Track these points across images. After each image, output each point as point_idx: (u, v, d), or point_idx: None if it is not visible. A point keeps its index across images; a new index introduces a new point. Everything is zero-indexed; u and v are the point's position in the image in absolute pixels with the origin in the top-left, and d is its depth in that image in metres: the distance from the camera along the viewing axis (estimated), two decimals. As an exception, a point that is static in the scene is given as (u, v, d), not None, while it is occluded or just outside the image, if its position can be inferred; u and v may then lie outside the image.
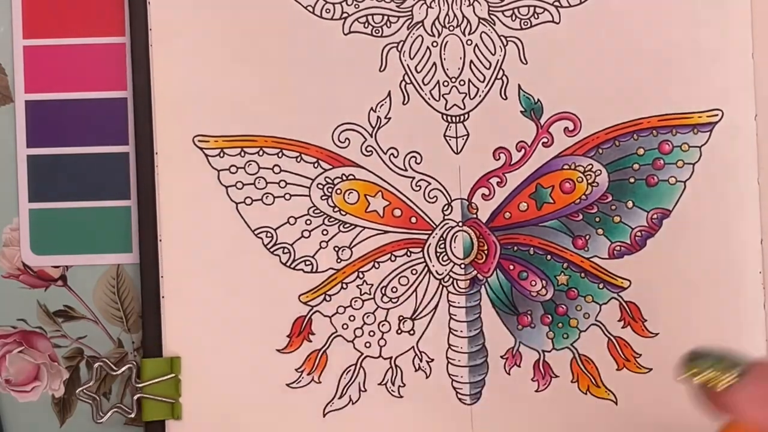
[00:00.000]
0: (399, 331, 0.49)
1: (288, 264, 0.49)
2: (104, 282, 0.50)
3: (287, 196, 0.49)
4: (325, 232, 0.49)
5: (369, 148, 0.48)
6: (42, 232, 0.50)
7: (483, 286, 0.48)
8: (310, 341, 0.49)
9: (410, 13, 0.48)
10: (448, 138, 0.48)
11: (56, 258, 0.50)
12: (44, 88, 0.50)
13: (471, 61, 0.48)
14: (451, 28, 0.48)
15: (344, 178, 0.49)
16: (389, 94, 0.48)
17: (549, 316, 0.48)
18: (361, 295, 0.49)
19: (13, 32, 0.50)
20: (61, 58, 0.50)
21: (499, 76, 0.48)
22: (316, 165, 0.49)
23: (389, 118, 0.48)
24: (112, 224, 0.50)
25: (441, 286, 0.49)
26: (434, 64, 0.48)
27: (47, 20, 0.50)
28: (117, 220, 0.50)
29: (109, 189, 0.50)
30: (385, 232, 0.49)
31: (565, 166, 0.48)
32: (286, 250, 0.49)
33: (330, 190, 0.48)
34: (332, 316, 0.49)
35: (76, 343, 0.50)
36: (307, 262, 0.49)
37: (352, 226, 0.49)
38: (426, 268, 0.49)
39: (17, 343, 0.51)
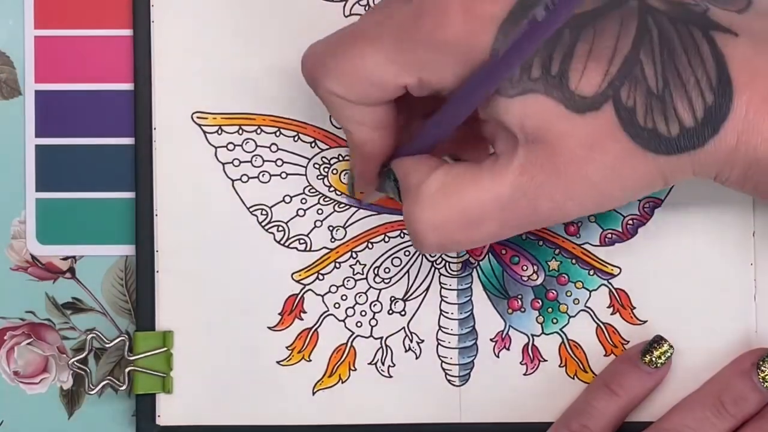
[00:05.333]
0: (390, 312, 0.49)
1: (282, 242, 0.49)
2: (112, 274, 0.50)
3: (283, 175, 0.49)
4: (320, 212, 0.49)
5: (366, 130, 0.49)
6: (48, 222, 0.50)
7: (475, 270, 0.49)
8: (302, 319, 0.49)
9: (411, -4, 0.49)
10: (444, 121, 0.49)
11: (62, 248, 0.51)
12: (55, 78, 0.50)
13: (469, 46, 0.49)
14: (451, 13, 0.49)
15: (340, 158, 0.49)
16: (387, 76, 0.49)
17: (539, 301, 0.49)
18: (353, 274, 0.49)
19: (25, 22, 0.50)
20: (72, 48, 0.50)
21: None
22: (313, 144, 0.49)
23: (387, 101, 0.49)
24: (120, 215, 0.50)
25: (433, 268, 0.49)
26: (433, 48, 0.49)
27: (59, 10, 0.50)
28: (125, 211, 0.50)
29: (119, 180, 0.50)
30: (380, 213, 0.49)
31: (560, 153, 0.48)
32: (280, 228, 0.49)
33: (326, 169, 0.49)
34: (324, 295, 0.49)
35: (84, 335, 0.51)
36: (301, 241, 0.49)
37: (347, 206, 0.49)
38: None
39: (26, 335, 0.51)
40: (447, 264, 0.49)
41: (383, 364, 0.49)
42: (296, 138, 0.49)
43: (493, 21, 0.36)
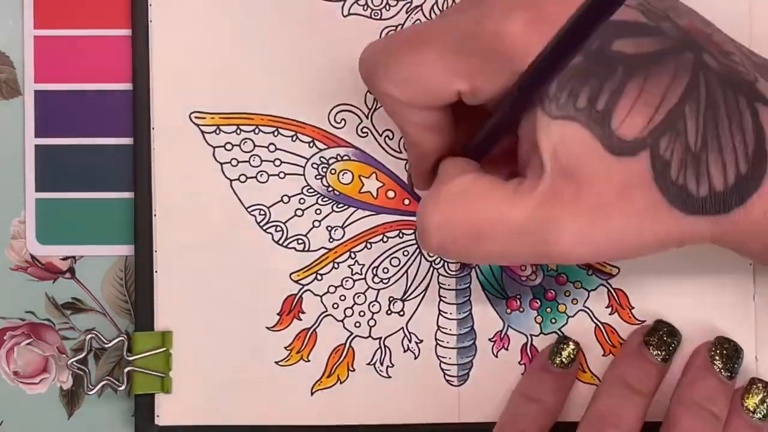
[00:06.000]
0: (389, 312, 0.49)
1: (280, 242, 0.49)
2: (112, 274, 0.51)
3: (282, 175, 0.49)
4: (318, 212, 0.49)
5: (364, 130, 0.49)
6: (48, 222, 0.50)
7: (473, 270, 0.49)
8: (300, 320, 0.49)
9: (409, -4, 0.49)
10: (442, 121, 0.49)
11: (62, 248, 0.51)
12: (55, 78, 0.50)
13: (468, 46, 0.49)
14: (450, 12, 0.49)
15: (339, 158, 0.49)
16: (386, 76, 0.49)
17: (538, 301, 0.49)
18: (352, 275, 0.49)
19: (25, 22, 0.50)
20: (72, 48, 0.50)
21: (495, 62, 0.48)
22: (311, 144, 0.49)
23: (385, 101, 0.49)
24: (120, 216, 0.50)
25: (432, 268, 0.49)
26: (431, 47, 0.49)
27: (58, 10, 0.50)
28: (125, 211, 0.50)
29: (119, 180, 0.50)
30: (378, 213, 0.49)
31: (558, 153, 0.48)
32: (278, 228, 0.49)
33: (324, 169, 0.49)
34: (323, 295, 0.49)
35: (84, 336, 0.51)
36: (300, 241, 0.49)
37: (346, 206, 0.49)
38: (417, 250, 0.49)
39: (25, 336, 0.51)
40: (445, 264, 0.49)
41: (382, 364, 0.49)
42: (294, 138, 0.49)
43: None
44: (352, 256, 0.49)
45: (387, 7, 0.49)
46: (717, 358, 0.45)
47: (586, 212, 0.36)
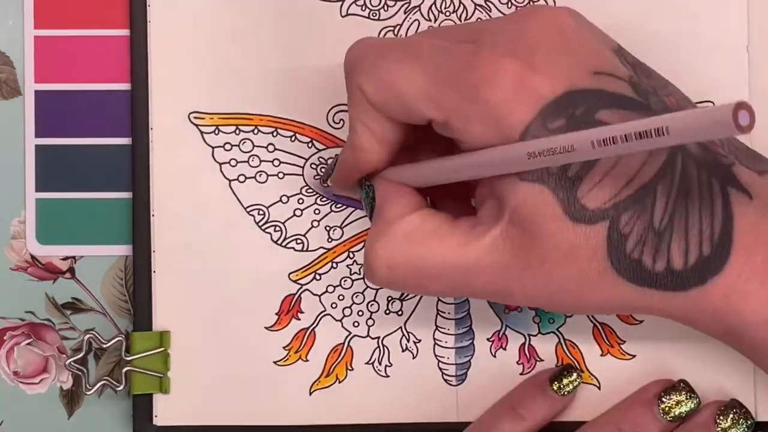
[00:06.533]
0: (387, 312, 0.49)
1: (279, 242, 0.49)
2: (112, 274, 0.51)
3: (281, 175, 0.49)
4: (317, 212, 0.49)
5: (363, 130, 0.49)
6: (48, 222, 0.51)
7: (472, 270, 0.49)
8: (299, 319, 0.49)
9: (407, -4, 0.49)
10: (441, 121, 0.49)
11: (62, 248, 0.51)
12: (55, 78, 0.50)
13: (466, 46, 0.49)
14: (448, 13, 0.49)
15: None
16: (384, 76, 0.49)
17: (536, 301, 0.49)
18: (350, 274, 0.49)
19: (25, 22, 0.50)
20: (72, 48, 0.50)
21: (493, 62, 0.48)
22: (310, 145, 0.49)
23: (384, 101, 0.49)
24: (120, 216, 0.50)
25: (430, 268, 0.49)
26: (430, 48, 0.49)
27: (58, 10, 0.50)
28: (125, 211, 0.50)
29: (119, 180, 0.50)
30: (376, 213, 0.49)
31: (557, 153, 0.48)
32: (277, 228, 0.49)
33: (323, 170, 0.49)
34: (321, 294, 0.49)
35: (83, 336, 0.51)
36: (298, 241, 0.49)
37: (344, 206, 0.49)
38: (416, 250, 0.49)
39: (25, 336, 0.51)
40: (444, 264, 0.49)
41: (380, 363, 0.49)
42: (293, 138, 0.49)
43: (539, 100, 0.36)
44: (351, 255, 0.49)
45: (385, 7, 0.49)
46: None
47: (532, 266, 0.37)
